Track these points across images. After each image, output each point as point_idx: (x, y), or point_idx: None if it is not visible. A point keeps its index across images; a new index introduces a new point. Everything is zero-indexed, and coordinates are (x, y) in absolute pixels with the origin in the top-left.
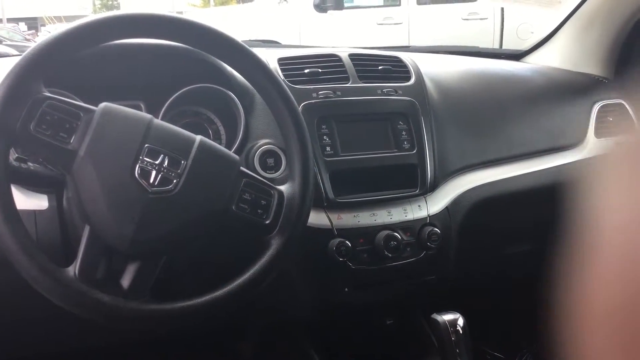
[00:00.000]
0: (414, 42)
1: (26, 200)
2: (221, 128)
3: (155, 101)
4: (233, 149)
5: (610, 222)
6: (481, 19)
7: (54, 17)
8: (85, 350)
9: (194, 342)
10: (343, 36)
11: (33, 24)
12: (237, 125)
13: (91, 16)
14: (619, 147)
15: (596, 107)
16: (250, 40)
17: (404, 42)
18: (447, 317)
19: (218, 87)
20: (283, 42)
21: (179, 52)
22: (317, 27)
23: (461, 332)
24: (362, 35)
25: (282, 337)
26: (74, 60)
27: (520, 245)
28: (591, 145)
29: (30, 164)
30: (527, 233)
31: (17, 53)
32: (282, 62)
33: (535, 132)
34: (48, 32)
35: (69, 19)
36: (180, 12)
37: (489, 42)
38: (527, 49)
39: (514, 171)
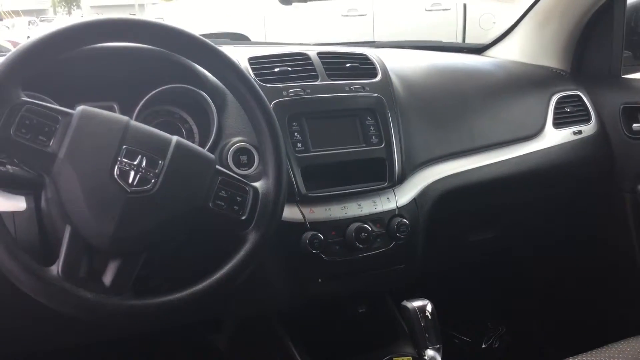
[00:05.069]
0: (378, 33)
1: (5, 202)
2: (194, 127)
3: (128, 102)
4: (207, 147)
5: None
6: (444, 9)
7: (12, 11)
8: (63, 349)
9: (172, 336)
10: (308, 29)
11: None
12: (210, 124)
13: (67, 22)
14: None
15: (554, 99)
16: (218, 33)
17: (368, 33)
18: (417, 303)
19: (190, 87)
20: (249, 34)
21: (151, 54)
22: (282, 20)
23: (430, 317)
24: (327, 28)
25: (259, 329)
26: (48, 63)
27: (485, 232)
28: (549, 136)
29: (9, 167)
30: (491, 221)
31: None
32: (253, 61)
33: (496, 124)
34: (6, 27)
35: (27, 12)
36: (142, 5)
37: (452, 32)
38: (489, 42)
39: (477, 162)
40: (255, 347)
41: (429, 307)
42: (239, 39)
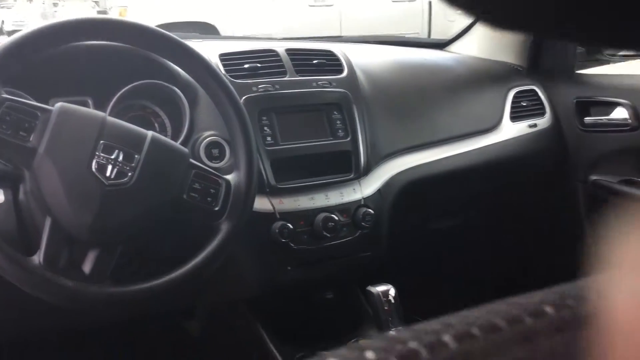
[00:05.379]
0: (345, 24)
1: None
2: (166, 121)
3: (102, 96)
4: (179, 141)
5: None
6: (410, 0)
7: None
8: (41, 339)
9: (146, 323)
10: (276, 18)
11: None
12: (182, 118)
13: (46, 22)
14: None
15: (511, 93)
16: (186, 22)
17: (335, 23)
18: (380, 288)
19: (163, 83)
20: (216, 23)
21: (125, 50)
22: (250, 9)
23: (393, 301)
24: (294, 18)
25: (231, 316)
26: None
27: (446, 221)
28: (506, 129)
29: None
30: (451, 210)
31: None
32: (223, 57)
33: (456, 117)
34: None
35: None
36: None
37: (419, 23)
38: (450, 38)
39: (438, 154)
40: (228, 333)
41: (392, 292)
42: (206, 28)
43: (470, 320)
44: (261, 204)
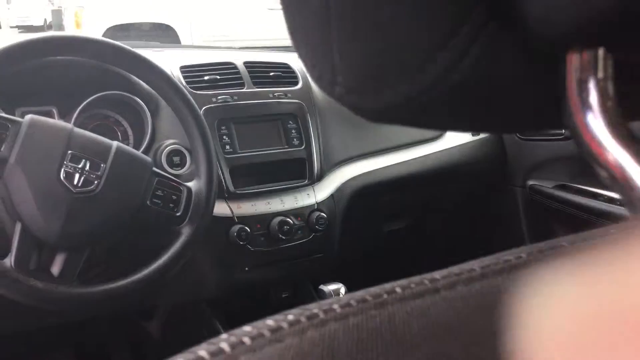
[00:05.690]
0: None
1: None
2: (129, 130)
3: (66, 106)
4: (142, 149)
5: None
6: None
7: None
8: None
9: (106, 323)
10: (234, 22)
11: None
12: (144, 127)
13: (14, 40)
14: None
15: None
16: (144, 23)
17: None
18: (332, 287)
19: (125, 94)
20: (174, 24)
21: (89, 64)
22: (208, 11)
23: None
24: (253, 21)
25: (190, 315)
26: None
27: (396, 223)
28: (450, 137)
29: None
30: (401, 213)
31: None
32: (184, 69)
33: (404, 127)
34: None
35: None
36: None
37: None
38: None
39: (388, 161)
40: (187, 333)
41: (343, 290)
42: (164, 30)
43: (352, 296)
44: (220, 208)
